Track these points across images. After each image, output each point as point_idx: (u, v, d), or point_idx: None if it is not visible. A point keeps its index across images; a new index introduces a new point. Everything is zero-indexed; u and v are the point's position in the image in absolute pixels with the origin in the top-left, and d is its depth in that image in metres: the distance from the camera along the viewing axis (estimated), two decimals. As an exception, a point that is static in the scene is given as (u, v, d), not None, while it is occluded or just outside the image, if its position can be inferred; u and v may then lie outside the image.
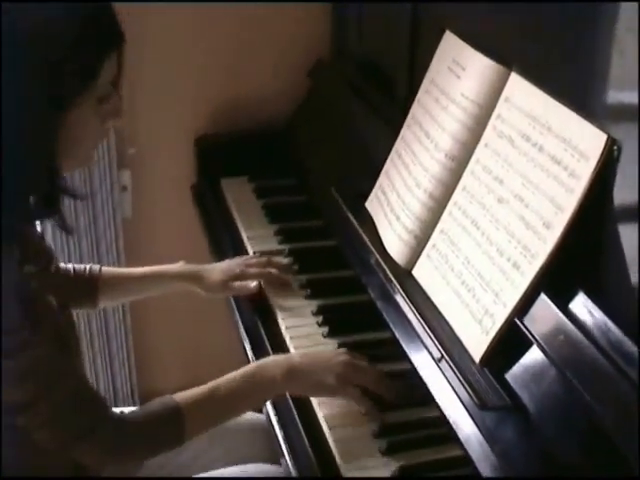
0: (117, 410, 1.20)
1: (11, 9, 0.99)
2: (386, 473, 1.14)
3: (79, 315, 2.14)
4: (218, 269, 1.59)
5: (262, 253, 1.68)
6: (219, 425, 1.26)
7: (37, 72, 1.01)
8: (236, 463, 1.41)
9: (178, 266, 1.58)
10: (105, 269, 1.54)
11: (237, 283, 1.56)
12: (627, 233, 1.02)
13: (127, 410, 1.21)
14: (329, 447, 1.20)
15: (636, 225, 0.99)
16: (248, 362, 1.43)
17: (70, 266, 1.50)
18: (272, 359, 1.28)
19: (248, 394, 1.24)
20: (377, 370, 1.28)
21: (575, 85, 1.13)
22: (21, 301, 1.06)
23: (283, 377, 1.22)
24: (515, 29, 1.26)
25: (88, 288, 1.50)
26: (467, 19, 1.40)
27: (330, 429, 1.22)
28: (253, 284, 1.55)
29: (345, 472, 1.15)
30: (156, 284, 1.57)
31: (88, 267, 1.51)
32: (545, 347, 1.04)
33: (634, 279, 1.00)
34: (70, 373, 1.13)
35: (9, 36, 0.99)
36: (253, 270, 1.58)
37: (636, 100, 0.99)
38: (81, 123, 1.09)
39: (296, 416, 1.27)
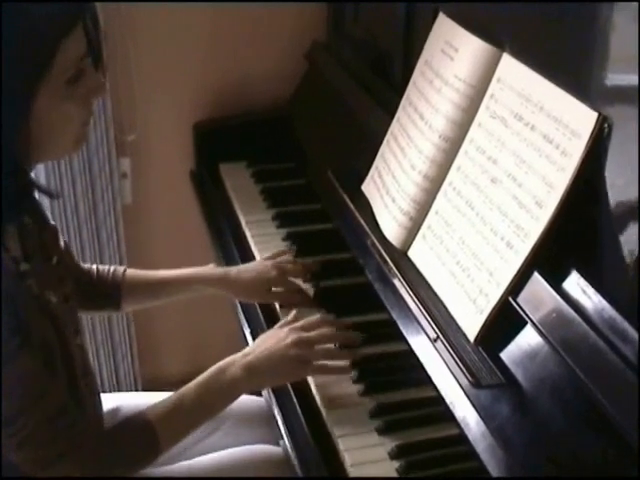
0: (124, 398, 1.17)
1: None
2: (383, 452, 1.16)
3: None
4: (250, 271, 1.51)
5: (261, 238, 1.70)
6: (194, 430, 1.25)
7: None
8: (236, 446, 1.42)
9: (208, 269, 1.52)
10: (130, 271, 1.48)
11: (281, 293, 1.50)
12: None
13: (132, 397, 1.21)
14: (327, 428, 1.22)
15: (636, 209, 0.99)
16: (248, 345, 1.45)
17: (94, 267, 1.45)
18: (230, 359, 1.25)
19: (214, 398, 1.23)
20: (327, 337, 1.30)
21: (574, 67, 1.12)
22: (11, 310, 1.02)
23: (243, 376, 1.22)
24: (512, 11, 1.26)
25: (111, 291, 1.45)
26: (462, 1, 1.40)
27: (327, 410, 1.24)
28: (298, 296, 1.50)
29: (343, 452, 1.16)
30: (185, 288, 1.51)
31: (112, 269, 1.46)
32: (539, 325, 1.05)
33: (629, 259, 1.00)
34: (53, 390, 1.09)
35: None
36: (291, 282, 1.51)
37: (636, 82, 0.99)
38: (54, 109, 1.03)
39: (294, 398, 1.28)
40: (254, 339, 1.43)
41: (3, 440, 1.06)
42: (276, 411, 1.28)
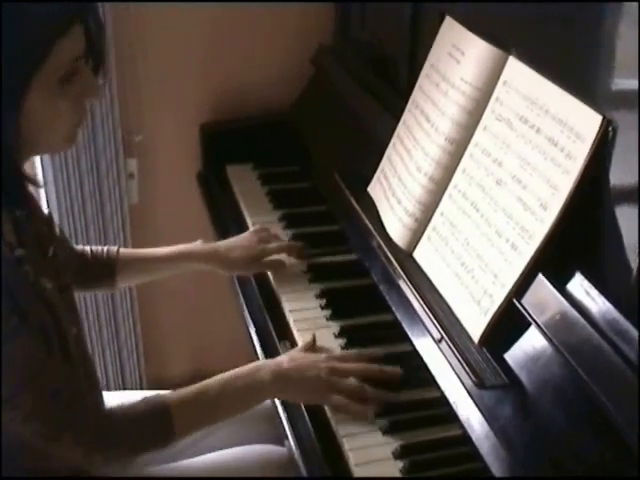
0: (129, 397, 1.18)
1: None
2: (387, 452, 1.16)
3: (87, 305, 2.16)
4: (238, 246, 1.58)
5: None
6: (209, 426, 1.25)
7: None
8: (240, 444, 1.42)
9: (196, 245, 1.58)
10: (123, 250, 1.54)
11: (267, 259, 1.58)
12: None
13: (138, 395, 1.22)
14: (332, 428, 1.22)
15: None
16: (253, 347, 1.45)
17: (87, 248, 1.51)
18: (263, 362, 1.28)
19: (237, 397, 1.23)
20: (363, 371, 1.26)
21: (580, 72, 1.13)
22: (8, 291, 1.04)
23: (271, 382, 1.22)
24: (518, 15, 1.26)
25: (106, 269, 1.51)
26: (469, 5, 1.41)
27: (332, 410, 1.24)
28: (285, 260, 1.56)
29: (347, 452, 1.17)
30: (175, 264, 1.56)
31: (105, 249, 1.52)
32: (542, 327, 1.05)
33: (633, 262, 1.01)
34: (54, 366, 1.11)
35: None
36: (273, 245, 1.60)
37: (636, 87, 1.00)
38: (44, 106, 1.04)
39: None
40: (258, 335, 1.45)
41: (10, 414, 1.07)
42: (281, 410, 1.28)
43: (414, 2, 1.62)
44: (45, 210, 1.29)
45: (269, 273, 1.59)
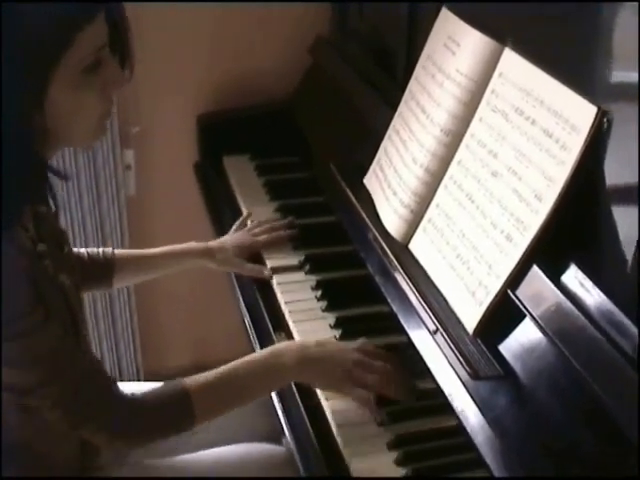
0: (126, 388, 1.19)
1: None
2: (383, 443, 1.17)
3: (84, 296, 2.16)
4: (229, 243, 1.63)
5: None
6: (230, 411, 1.24)
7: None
8: (237, 442, 1.42)
9: (191, 244, 1.61)
10: (118, 251, 1.55)
11: (250, 266, 1.60)
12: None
13: (134, 386, 1.22)
14: (327, 420, 1.23)
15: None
16: (249, 338, 1.46)
17: (83, 251, 1.51)
18: (285, 345, 1.27)
19: (259, 380, 1.23)
20: (387, 372, 1.25)
21: (578, 64, 1.13)
22: (32, 283, 1.05)
23: (295, 364, 1.22)
24: (516, 7, 1.26)
25: (104, 271, 1.52)
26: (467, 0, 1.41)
27: (328, 401, 1.24)
28: (267, 272, 1.58)
29: (342, 443, 1.17)
30: (170, 262, 1.59)
31: (101, 250, 1.53)
32: (537, 318, 1.05)
33: (628, 253, 1.01)
34: (81, 355, 1.14)
35: None
36: (262, 238, 1.64)
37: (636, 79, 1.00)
38: (69, 97, 1.03)
39: (295, 390, 1.28)
40: (254, 326, 1.45)
41: (36, 402, 1.10)
42: (278, 406, 1.28)
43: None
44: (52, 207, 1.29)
45: (266, 263, 1.60)
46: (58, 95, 1.01)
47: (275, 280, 1.54)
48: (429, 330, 1.22)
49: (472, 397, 1.10)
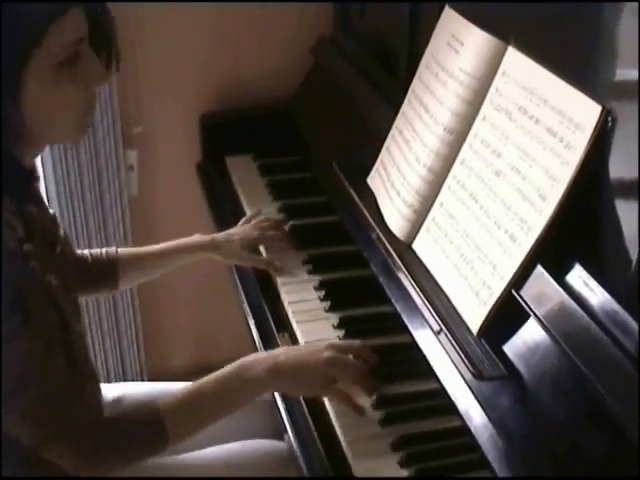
0: (128, 389, 1.16)
1: None
2: (385, 443, 1.16)
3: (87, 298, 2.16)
4: (236, 236, 1.62)
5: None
6: (207, 427, 1.20)
7: None
8: (238, 439, 1.42)
9: (194, 237, 1.59)
10: (122, 250, 1.53)
11: (258, 257, 1.61)
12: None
13: (135, 387, 1.21)
14: (330, 420, 1.22)
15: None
16: (252, 339, 1.45)
17: (86, 252, 1.49)
18: (254, 357, 1.23)
19: (233, 394, 1.20)
20: (361, 366, 1.24)
21: (582, 63, 1.13)
22: (12, 288, 1.02)
23: (268, 375, 1.18)
24: (519, 5, 1.26)
25: (108, 272, 1.50)
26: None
27: (330, 402, 1.24)
28: (277, 262, 1.58)
29: (345, 443, 1.17)
30: (176, 257, 1.57)
31: (104, 251, 1.50)
32: (541, 318, 1.05)
33: (633, 253, 1.00)
34: (53, 370, 1.09)
35: None
36: (272, 233, 1.64)
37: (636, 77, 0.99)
38: (46, 93, 1.01)
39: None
40: (257, 327, 1.44)
41: (6, 415, 1.06)
42: (279, 403, 1.28)
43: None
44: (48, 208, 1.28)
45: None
46: (36, 90, 1.00)
47: (279, 280, 1.54)
48: (433, 330, 1.22)
49: (476, 397, 1.09)
